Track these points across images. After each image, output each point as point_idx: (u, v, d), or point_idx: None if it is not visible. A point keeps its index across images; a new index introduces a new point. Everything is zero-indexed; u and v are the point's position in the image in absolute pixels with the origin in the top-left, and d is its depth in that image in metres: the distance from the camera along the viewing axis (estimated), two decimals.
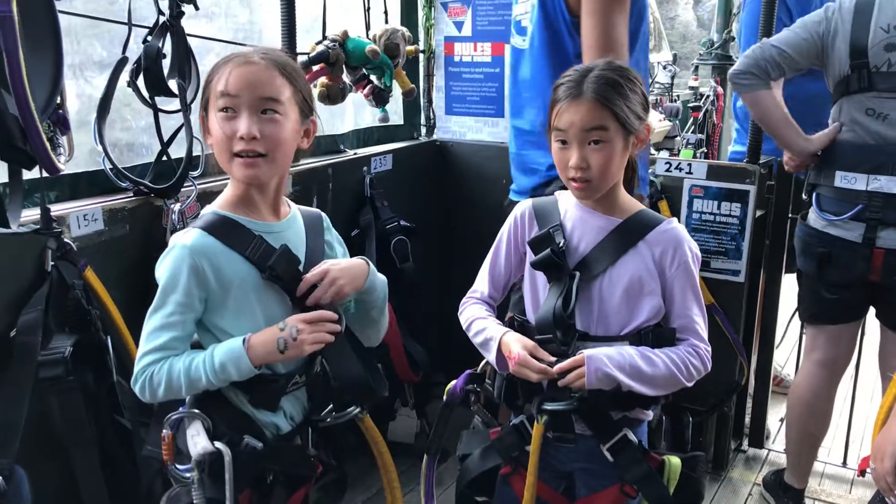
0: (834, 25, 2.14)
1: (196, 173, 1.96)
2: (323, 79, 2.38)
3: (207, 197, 1.82)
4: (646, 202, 1.87)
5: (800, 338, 2.90)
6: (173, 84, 1.85)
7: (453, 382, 1.67)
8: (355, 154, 2.70)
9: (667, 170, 2.58)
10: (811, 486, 2.62)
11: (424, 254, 2.83)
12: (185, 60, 1.89)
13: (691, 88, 6.93)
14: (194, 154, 1.90)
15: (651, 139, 2.25)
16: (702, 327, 1.50)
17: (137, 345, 1.35)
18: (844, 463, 2.85)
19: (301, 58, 2.29)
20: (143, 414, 1.59)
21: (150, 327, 1.33)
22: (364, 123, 2.95)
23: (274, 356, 1.34)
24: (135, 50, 1.82)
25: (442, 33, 3.09)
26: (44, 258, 1.62)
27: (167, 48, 1.85)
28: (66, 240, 1.65)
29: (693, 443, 2.57)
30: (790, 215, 2.69)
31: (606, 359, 1.40)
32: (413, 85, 2.63)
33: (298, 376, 1.43)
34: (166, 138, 1.95)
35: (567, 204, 1.56)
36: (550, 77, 1.82)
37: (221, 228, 1.36)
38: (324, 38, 2.37)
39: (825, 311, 2.34)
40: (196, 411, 1.36)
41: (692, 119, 6.18)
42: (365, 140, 2.91)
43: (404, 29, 2.59)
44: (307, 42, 2.37)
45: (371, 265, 1.49)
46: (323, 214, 1.56)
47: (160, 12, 1.84)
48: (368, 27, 2.64)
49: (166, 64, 1.85)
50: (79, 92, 2.02)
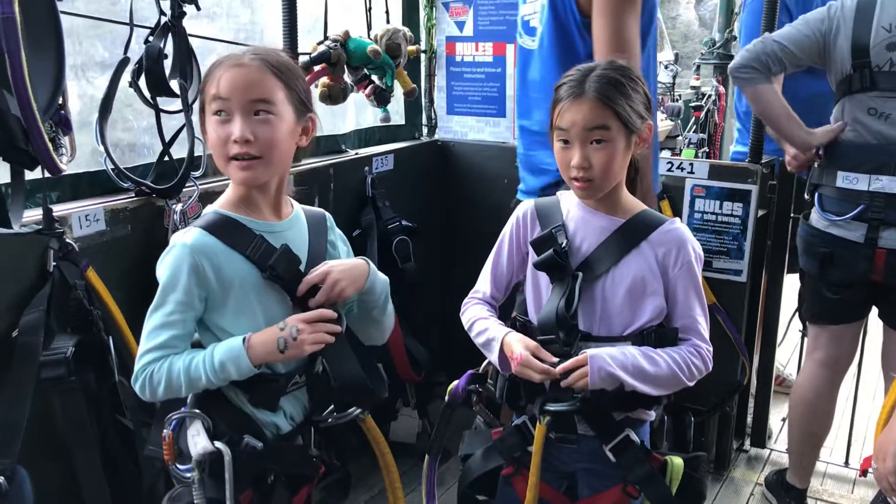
0: (836, 24, 2.13)
1: (198, 173, 1.95)
2: (324, 79, 2.38)
3: (209, 197, 1.82)
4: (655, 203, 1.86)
5: (802, 338, 2.90)
6: (175, 84, 1.85)
7: (455, 382, 1.67)
8: (357, 154, 2.70)
9: (668, 169, 2.58)
10: (813, 486, 2.61)
11: (426, 254, 2.83)
12: (187, 61, 1.89)
13: (693, 88, 6.92)
14: (196, 154, 1.90)
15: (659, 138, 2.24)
16: (704, 327, 1.50)
17: (139, 345, 1.35)
18: (846, 463, 2.84)
19: (303, 58, 2.29)
20: (145, 414, 1.60)
21: (151, 326, 1.33)
22: (365, 123, 2.95)
23: (274, 356, 1.33)
24: (136, 50, 1.82)
25: (443, 33, 3.08)
26: (46, 258, 1.62)
27: (169, 49, 1.85)
28: (68, 240, 1.65)
29: (695, 443, 2.57)
30: (792, 215, 2.69)
31: (609, 358, 1.40)
32: (414, 85, 2.63)
33: (298, 376, 1.43)
34: (168, 139, 1.95)
35: (569, 204, 1.56)
36: (560, 78, 1.82)
37: (222, 228, 1.36)
38: (325, 39, 2.37)
39: (827, 311, 2.34)
40: (197, 411, 1.36)
41: (694, 119, 6.18)
42: (366, 140, 2.91)
43: (406, 29, 2.60)
44: (309, 42, 2.37)
45: (371, 265, 1.49)
46: (327, 214, 1.56)
47: (162, 13, 1.83)
48: (370, 27, 2.64)
49: (168, 64, 1.85)
50: (81, 92, 2.02)
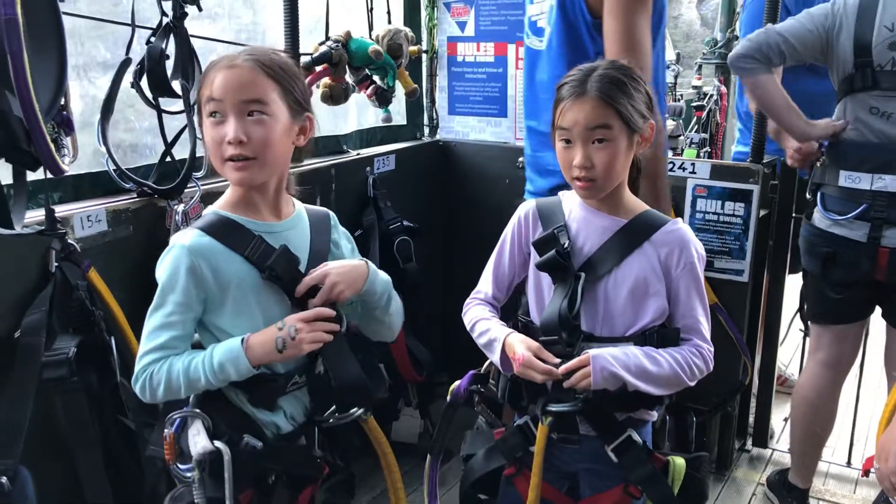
0: (839, 20, 2.12)
1: (199, 174, 1.96)
2: (326, 79, 2.38)
3: (211, 197, 1.82)
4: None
5: (803, 337, 2.90)
6: (177, 85, 1.85)
7: (457, 383, 1.67)
8: (358, 154, 2.70)
9: (670, 169, 2.57)
10: (815, 486, 2.61)
11: (428, 254, 2.83)
12: (189, 61, 1.89)
13: (695, 87, 6.90)
14: (198, 155, 1.90)
15: (665, 137, 2.22)
16: (705, 328, 1.50)
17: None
18: (849, 463, 2.84)
19: (304, 58, 2.29)
20: (147, 414, 1.59)
21: (150, 327, 1.34)
22: (367, 124, 2.95)
23: (272, 356, 1.33)
24: (138, 51, 1.82)
25: (445, 33, 3.08)
26: (48, 259, 1.62)
27: (171, 49, 1.85)
28: (70, 241, 1.65)
29: (697, 443, 2.56)
30: (794, 215, 2.69)
31: (612, 358, 1.40)
32: (416, 85, 2.63)
33: (298, 376, 1.43)
34: (170, 139, 1.95)
35: (571, 204, 1.56)
36: None
37: (221, 229, 1.36)
38: (327, 39, 2.37)
39: (830, 311, 2.33)
40: (197, 411, 1.36)
41: (695, 118, 6.16)
42: (368, 140, 2.91)
43: (407, 29, 2.60)
44: (310, 43, 2.37)
45: (371, 266, 1.49)
46: (330, 213, 1.56)
47: (163, 13, 1.84)
48: (371, 27, 2.64)
49: (170, 65, 1.85)
50: (82, 93, 2.02)
